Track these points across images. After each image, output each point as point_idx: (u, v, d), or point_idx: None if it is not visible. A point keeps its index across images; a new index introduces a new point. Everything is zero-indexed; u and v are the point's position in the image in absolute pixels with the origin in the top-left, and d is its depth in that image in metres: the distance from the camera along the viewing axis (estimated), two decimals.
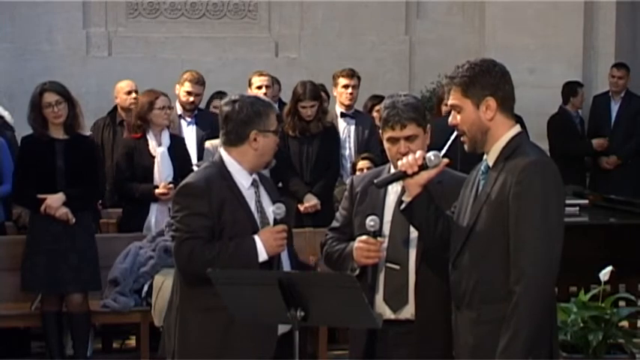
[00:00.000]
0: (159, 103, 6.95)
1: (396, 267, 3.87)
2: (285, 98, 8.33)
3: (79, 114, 6.43)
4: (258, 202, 3.99)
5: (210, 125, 7.99)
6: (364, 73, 8.50)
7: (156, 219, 6.84)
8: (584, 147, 9.70)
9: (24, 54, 10.07)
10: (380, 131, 4.01)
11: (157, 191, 6.82)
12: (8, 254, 6.62)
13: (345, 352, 4.75)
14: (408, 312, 3.87)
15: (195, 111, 7.96)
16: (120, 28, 10.34)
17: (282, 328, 3.92)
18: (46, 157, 6.23)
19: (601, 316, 4.59)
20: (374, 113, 8.42)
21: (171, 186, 6.76)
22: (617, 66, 9.84)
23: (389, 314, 3.87)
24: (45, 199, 6.20)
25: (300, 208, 7.21)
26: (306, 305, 3.38)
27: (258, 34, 10.48)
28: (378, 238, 3.80)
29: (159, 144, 6.97)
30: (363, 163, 7.21)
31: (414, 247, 3.86)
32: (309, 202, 7.21)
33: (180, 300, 4.04)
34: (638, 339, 4.74)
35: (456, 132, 3.60)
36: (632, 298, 4.99)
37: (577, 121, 9.85)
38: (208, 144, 7.34)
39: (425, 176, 3.64)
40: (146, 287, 6.46)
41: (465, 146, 3.56)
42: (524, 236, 3.28)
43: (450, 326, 3.61)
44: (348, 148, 7.75)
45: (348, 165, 7.56)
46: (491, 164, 3.47)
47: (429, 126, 3.99)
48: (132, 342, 7.28)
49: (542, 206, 3.29)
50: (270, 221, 3.97)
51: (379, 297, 3.89)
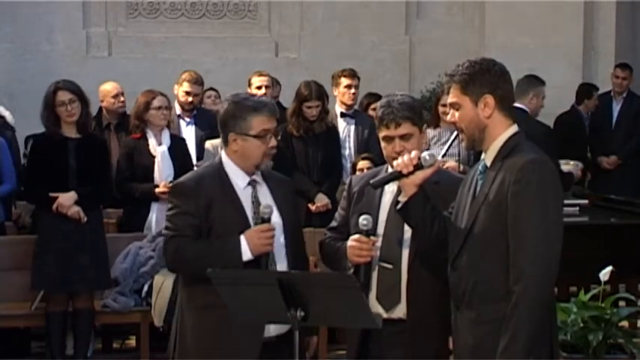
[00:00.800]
0: (155, 103, 6.95)
1: (389, 266, 3.87)
2: (284, 97, 8.33)
3: (91, 113, 6.44)
4: (256, 202, 3.96)
5: (209, 125, 8.00)
6: (364, 73, 8.50)
7: (156, 219, 6.84)
8: (586, 148, 9.71)
9: (24, 54, 10.08)
10: (377, 131, 4.02)
11: (157, 190, 6.82)
12: (8, 254, 6.61)
13: (343, 353, 4.75)
14: (400, 311, 3.87)
15: (195, 111, 7.96)
16: (120, 28, 10.35)
17: (276, 330, 3.92)
18: (58, 155, 6.22)
19: (601, 316, 4.59)
20: (370, 112, 8.43)
21: (171, 185, 6.76)
22: (621, 66, 9.84)
23: (381, 313, 3.87)
24: (57, 198, 6.20)
25: (312, 207, 7.23)
26: (306, 305, 3.38)
27: (258, 34, 10.49)
28: (371, 237, 3.80)
29: (159, 143, 6.97)
30: (363, 163, 7.20)
31: (407, 246, 3.86)
32: (322, 201, 7.23)
33: (180, 298, 4.05)
34: (638, 339, 4.73)
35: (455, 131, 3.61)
36: (632, 298, 4.98)
37: (586, 123, 9.86)
38: (209, 144, 7.34)
39: (420, 176, 3.64)
40: (146, 287, 6.46)
41: (463, 144, 3.57)
42: (523, 235, 3.28)
43: (443, 326, 3.63)
44: (348, 148, 7.75)
45: (348, 165, 7.56)
46: (489, 164, 3.47)
47: (425, 125, 4.00)
48: (132, 342, 7.28)
49: (540, 205, 3.29)
50: (273, 222, 3.95)
51: (372, 296, 3.89)
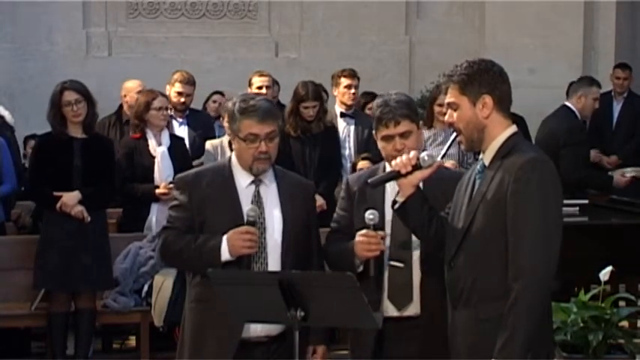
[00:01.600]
0: (156, 103, 6.95)
1: (400, 265, 3.87)
2: (285, 98, 8.33)
3: (97, 114, 6.45)
4: (258, 202, 3.95)
5: (202, 125, 8.01)
6: (364, 73, 8.50)
7: (156, 219, 6.83)
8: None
9: (24, 54, 10.08)
10: (374, 132, 4.01)
11: (157, 191, 6.82)
12: (8, 254, 6.62)
13: (345, 352, 4.73)
14: (412, 309, 3.88)
15: (187, 111, 7.97)
16: (120, 28, 10.35)
17: (266, 330, 3.91)
18: (63, 155, 6.23)
19: (601, 316, 4.58)
20: (366, 111, 8.43)
21: (171, 186, 6.75)
22: (621, 67, 9.83)
23: (393, 312, 3.88)
24: (60, 197, 6.20)
25: None
26: (306, 305, 3.38)
27: (258, 34, 10.49)
28: (379, 232, 3.79)
29: (159, 144, 6.97)
30: (363, 163, 7.19)
31: (417, 245, 3.86)
32: (317, 202, 7.19)
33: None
34: (638, 339, 4.73)
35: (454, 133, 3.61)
36: (632, 298, 4.98)
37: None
38: (208, 144, 7.35)
39: (418, 176, 3.65)
40: (146, 287, 6.47)
41: (462, 145, 3.57)
42: (522, 234, 3.28)
43: None
44: (348, 148, 7.75)
45: (348, 165, 7.56)
46: (487, 163, 3.47)
47: (421, 122, 4.01)
48: (132, 342, 7.28)
49: (540, 204, 3.29)
50: (273, 223, 3.95)
51: (384, 295, 3.90)
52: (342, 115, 7.84)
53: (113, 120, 8.07)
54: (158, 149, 6.94)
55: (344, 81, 7.85)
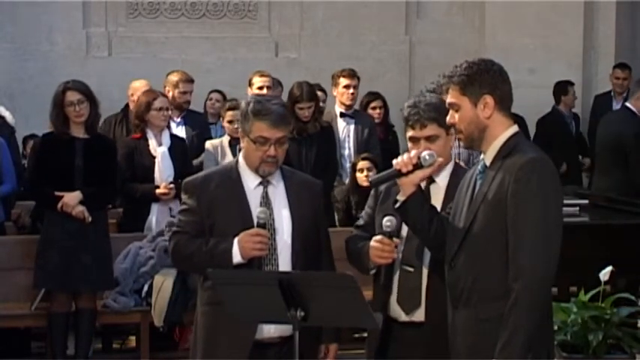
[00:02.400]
0: (157, 104, 6.95)
1: (410, 269, 3.87)
2: (284, 98, 8.32)
3: (100, 114, 6.45)
4: (266, 203, 3.95)
5: (199, 125, 8.02)
6: (364, 73, 8.50)
7: (156, 219, 6.84)
8: (576, 147, 9.69)
9: (24, 54, 10.08)
10: (404, 132, 3.99)
11: (157, 191, 6.82)
12: (8, 254, 6.62)
13: (345, 352, 4.74)
14: (421, 314, 3.87)
15: (184, 112, 7.97)
16: (120, 28, 10.35)
17: (279, 331, 3.91)
18: (65, 155, 6.22)
19: (601, 316, 4.58)
20: (369, 110, 8.44)
21: (172, 186, 6.77)
22: (620, 67, 9.83)
23: (402, 316, 3.88)
24: (62, 197, 6.20)
25: None
26: (306, 305, 3.38)
27: (258, 34, 10.49)
28: (394, 239, 3.78)
29: (159, 144, 6.96)
30: (362, 163, 7.21)
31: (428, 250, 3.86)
32: None
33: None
34: (638, 339, 4.73)
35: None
36: (632, 298, 4.98)
37: (569, 120, 9.82)
38: (208, 144, 7.35)
39: (419, 175, 3.66)
40: (146, 287, 6.47)
41: (462, 144, 3.57)
42: (522, 234, 3.28)
43: None
44: (348, 148, 7.76)
45: (348, 165, 7.56)
46: (488, 163, 3.47)
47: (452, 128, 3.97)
48: (132, 342, 7.28)
49: (540, 204, 3.29)
50: (282, 224, 3.95)
51: (393, 298, 3.90)
52: (342, 115, 7.84)
53: (119, 118, 8.08)
54: (158, 149, 6.94)
55: (343, 81, 7.85)
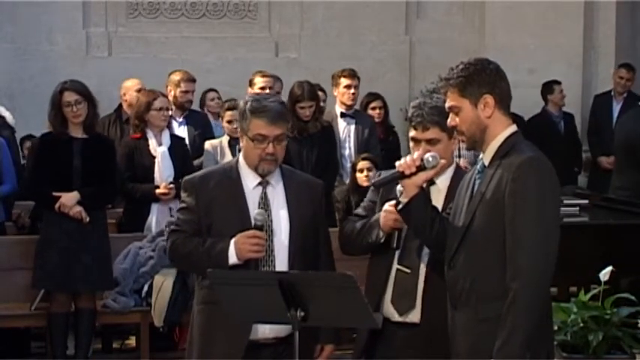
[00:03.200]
0: (157, 104, 6.95)
1: (407, 270, 3.87)
2: (284, 98, 8.33)
3: (98, 114, 6.45)
4: (265, 203, 3.95)
5: (201, 125, 8.02)
6: (364, 73, 8.50)
7: (156, 219, 6.84)
8: (566, 146, 9.66)
9: (24, 54, 10.07)
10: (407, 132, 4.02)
11: (157, 191, 6.82)
12: (8, 254, 6.62)
13: (345, 352, 4.74)
14: (415, 316, 3.88)
15: (187, 111, 7.98)
16: (120, 28, 10.34)
17: (274, 331, 3.91)
18: (63, 155, 6.23)
19: (601, 316, 4.58)
20: (369, 111, 8.44)
21: (172, 186, 6.77)
22: (625, 67, 9.82)
23: (395, 316, 3.89)
24: (59, 197, 6.19)
25: None
26: (306, 305, 3.38)
27: (258, 34, 10.49)
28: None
29: (159, 144, 6.97)
30: (363, 164, 7.21)
31: (427, 252, 3.86)
32: None
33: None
34: (638, 339, 4.73)
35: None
36: (633, 298, 4.98)
37: (557, 120, 9.79)
38: (208, 144, 7.35)
39: (422, 177, 3.66)
40: (146, 287, 6.47)
41: (464, 145, 3.57)
42: (520, 233, 3.28)
43: None
44: (348, 148, 7.76)
45: (348, 165, 7.56)
46: (487, 163, 3.47)
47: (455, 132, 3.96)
48: (132, 342, 7.29)
49: (538, 203, 3.29)
50: (280, 225, 3.94)
51: (387, 298, 3.90)
52: (343, 115, 7.84)
53: (113, 118, 8.10)
54: (158, 149, 6.94)
55: (344, 81, 7.85)
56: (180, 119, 7.90)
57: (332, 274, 3.79)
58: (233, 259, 3.83)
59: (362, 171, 7.18)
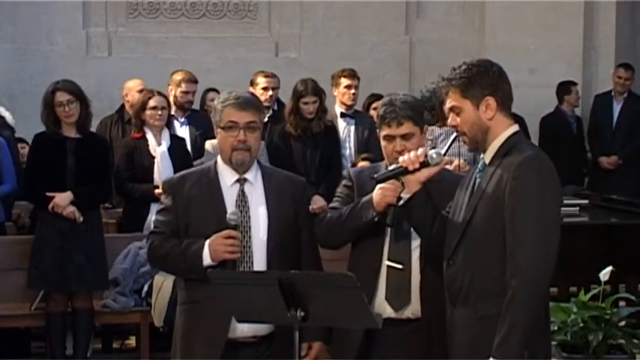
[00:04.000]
0: (151, 103, 6.94)
1: (399, 266, 3.87)
2: (284, 98, 8.33)
3: (91, 113, 6.44)
4: (242, 201, 3.93)
5: (203, 125, 8.01)
6: (364, 73, 8.49)
7: None
8: (577, 147, 9.69)
9: (24, 54, 10.07)
10: (377, 130, 4.01)
11: (156, 191, 6.80)
12: (8, 254, 6.61)
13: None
14: (410, 311, 3.87)
15: (189, 111, 7.97)
16: (120, 28, 10.34)
17: (253, 330, 3.89)
18: (56, 155, 6.23)
19: (601, 316, 4.59)
20: (371, 111, 8.43)
21: None
22: (624, 67, 9.82)
23: (389, 313, 3.87)
24: (53, 197, 6.19)
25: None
26: (306, 305, 3.38)
27: (258, 34, 10.49)
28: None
29: (159, 144, 6.96)
30: (363, 164, 7.19)
31: (416, 246, 3.86)
32: (317, 203, 7.12)
33: None
34: (638, 339, 4.73)
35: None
36: (632, 298, 4.98)
37: (572, 120, 9.82)
38: (208, 144, 7.34)
39: (425, 173, 3.66)
40: (146, 287, 6.46)
41: (466, 147, 3.57)
42: (520, 231, 3.28)
43: None
44: (348, 148, 7.75)
45: (349, 165, 7.55)
46: (488, 162, 3.48)
47: (426, 126, 4.00)
48: (132, 342, 7.28)
49: (538, 201, 3.30)
50: (258, 222, 3.92)
51: (380, 295, 3.89)
52: (343, 115, 7.83)
53: (115, 119, 8.10)
54: (158, 149, 6.93)
55: (344, 81, 7.84)
56: (182, 119, 7.89)
57: (332, 274, 3.78)
58: (207, 261, 3.82)
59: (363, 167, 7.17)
